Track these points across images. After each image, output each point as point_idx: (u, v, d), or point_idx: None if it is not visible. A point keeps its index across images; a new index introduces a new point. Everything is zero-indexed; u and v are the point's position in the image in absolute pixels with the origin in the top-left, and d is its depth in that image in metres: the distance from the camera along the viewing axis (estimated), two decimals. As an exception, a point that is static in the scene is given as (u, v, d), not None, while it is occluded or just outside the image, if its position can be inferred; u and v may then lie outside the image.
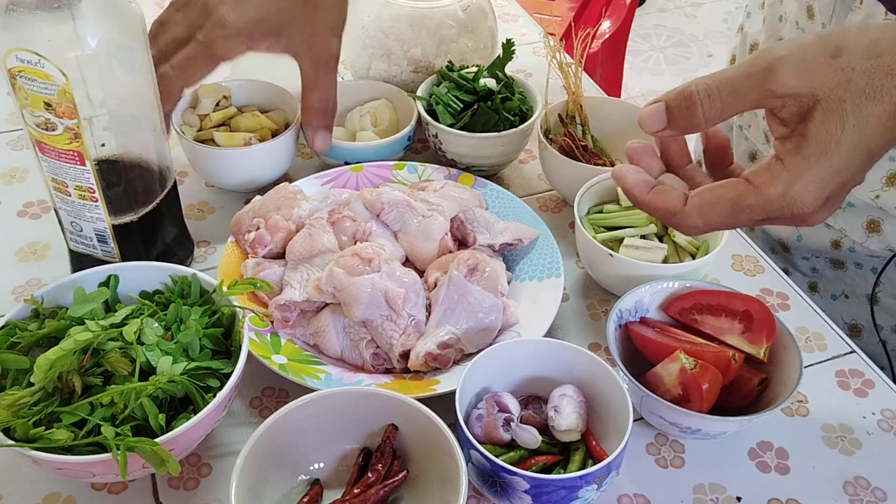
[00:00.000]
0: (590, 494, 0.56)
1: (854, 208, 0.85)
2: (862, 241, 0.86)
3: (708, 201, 0.51)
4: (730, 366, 0.63)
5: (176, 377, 0.57)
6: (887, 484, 0.65)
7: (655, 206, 0.53)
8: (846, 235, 0.87)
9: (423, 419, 0.58)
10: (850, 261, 0.89)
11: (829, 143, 0.47)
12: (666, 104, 0.50)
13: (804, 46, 0.46)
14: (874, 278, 0.88)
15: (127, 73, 0.65)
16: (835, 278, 0.91)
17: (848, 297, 0.91)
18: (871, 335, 0.90)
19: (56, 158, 0.64)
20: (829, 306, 0.93)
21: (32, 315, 0.63)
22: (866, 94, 0.46)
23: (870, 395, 0.71)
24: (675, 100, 0.50)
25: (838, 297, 0.92)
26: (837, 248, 0.88)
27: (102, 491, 0.62)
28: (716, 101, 0.49)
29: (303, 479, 0.60)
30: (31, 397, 0.55)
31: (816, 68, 0.46)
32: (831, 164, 0.47)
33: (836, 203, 0.50)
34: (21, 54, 0.58)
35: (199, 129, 0.86)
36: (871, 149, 0.47)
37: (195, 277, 0.66)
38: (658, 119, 0.51)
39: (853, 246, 0.87)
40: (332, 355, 0.70)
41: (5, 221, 0.84)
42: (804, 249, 0.92)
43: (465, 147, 0.87)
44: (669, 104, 0.50)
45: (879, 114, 0.46)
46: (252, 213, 0.78)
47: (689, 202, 0.52)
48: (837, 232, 0.87)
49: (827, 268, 0.91)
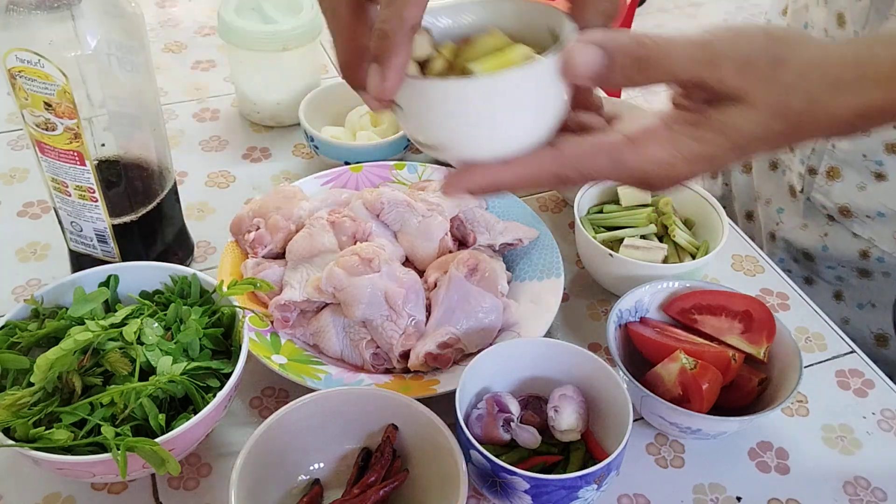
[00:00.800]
0: (590, 494, 0.56)
1: (884, 218, 0.84)
2: (892, 251, 0.85)
3: (584, 152, 0.44)
4: (730, 366, 0.63)
5: (176, 377, 0.57)
6: (887, 484, 0.65)
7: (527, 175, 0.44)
8: (875, 245, 0.86)
9: (423, 419, 0.58)
10: (878, 270, 0.87)
11: (731, 136, 0.43)
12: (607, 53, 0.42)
13: (751, 47, 0.42)
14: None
15: (127, 73, 0.65)
16: (861, 287, 0.90)
17: (875, 305, 0.90)
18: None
19: (56, 158, 0.64)
20: (856, 315, 0.91)
21: (32, 315, 0.63)
22: (783, 113, 0.43)
23: (870, 395, 0.71)
24: (621, 55, 0.42)
25: (864, 305, 0.91)
26: (865, 257, 0.87)
27: (102, 491, 0.62)
28: (655, 74, 0.42)
29: (303, 479, 0.60)
30: (31, 397, 0.55)
31: (756, 74, 0.42)
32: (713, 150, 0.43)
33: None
34: (21, 54, 0.58)
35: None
36: (748, 152, 0.45)
37: (195, 277, 0.66)
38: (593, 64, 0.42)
39: (882, 256, 0.86)
40: (332, 355, 0.70)
41: (5, 221, 0.84)
42: (829, 259, 0.91)
43: (465, 147, 0.87)
44: (614, 54, 0.42)
45: (780, 131, 0.43)
46: (252, 213, 0.78)
47: (564, 154, 0.44)
48: (866, 242, 0.86)
49: (853, 276, 0.90)
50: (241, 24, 0.91)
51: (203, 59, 1.12)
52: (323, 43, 1.12)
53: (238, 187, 0.91)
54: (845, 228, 0.88)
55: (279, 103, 0.97)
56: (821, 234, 0.91)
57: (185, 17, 1.21)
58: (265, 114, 0.98)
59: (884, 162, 0.82)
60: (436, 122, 0.43)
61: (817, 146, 0.87)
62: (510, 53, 0.44)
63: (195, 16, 1.22)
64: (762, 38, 0.42)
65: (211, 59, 1.12)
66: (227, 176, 0.92)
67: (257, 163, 0.94)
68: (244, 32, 0.91)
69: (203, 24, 1.20)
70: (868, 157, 0.83)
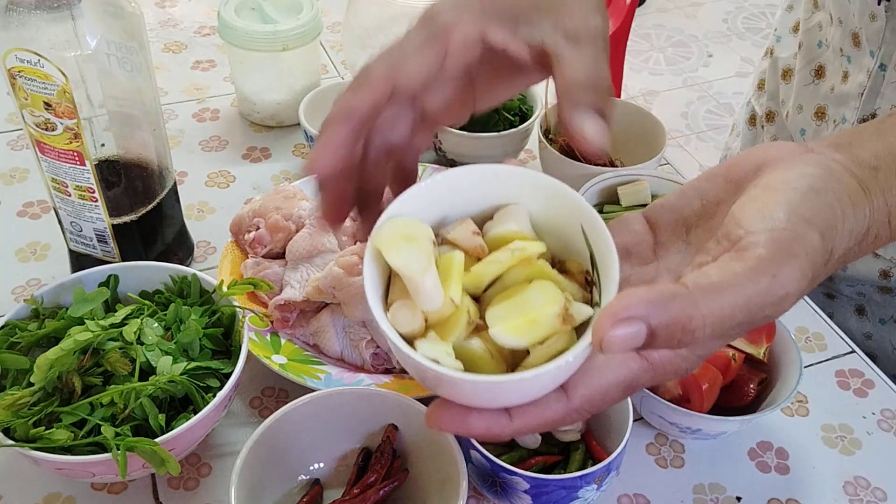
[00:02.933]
0: (590, 494, 0.56)
1: None
2: None
3: (598, 392, 0.38)
4: (730, 366, 0.63)
5: (176, 377, 0.57)
6: (887, 484, 0.65)
7: (531, 428, 0.38)
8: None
9: (424, 419, 0.58)
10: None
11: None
12: (651, 330, 0.33)
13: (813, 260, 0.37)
14: None
15: (127, 73, 0.65)
16: (883, 303, 0.88)
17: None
18: None
19: (56, 158, 0.64)
20: (878, 331, 0.89)
21: (32, 315, 0.63)
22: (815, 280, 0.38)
23: (870, 395, 0.71)
24: (666, 330, 0.33)
25: (887, 321, 0.89)
26: (886, 278, 0.85)
27: (102, 491, 0.62)
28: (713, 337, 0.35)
29: (303, 479, 0.60)
30: (31, 397, 0.55)
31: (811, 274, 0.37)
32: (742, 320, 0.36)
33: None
34: (21, 54, 0.58)
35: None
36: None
37: (195, 277, 0.66)
38: (634, 343, 0.33)
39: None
40: (332, 355, 0.70)
41: (5, 221, 0.84)
42: (850, 279, 0.89)
43: (465, 147, 0.87)
44: (658, 330, 0.33)
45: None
46: (252, 213, 0.78)
47: (574, 399, 0.38)
48: (888, 262, 0.85)
49: (875, 293, 0.88)
50: (240, 24, 0.91)
51: (203, 59, 1.12)
52: (323, 43, 1.12)
53: (238, 187, 0.91)
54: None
55: (279, 103, 0.97)
56: None
57: (185, 17, 1.21)
58: (265, 114, 0.98)
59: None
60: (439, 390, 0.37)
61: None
62: (537, 303, 0.36)
63: (195, 16, 1.22)
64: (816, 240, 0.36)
65: (211, 59, 1.12)
66: (227, 176, 0.92)
67: (257, 163, 0.94)
68: (244, 32, 0.91)
69: (203, 24, 1.20)
70: None
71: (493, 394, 0.35)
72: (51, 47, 0.58)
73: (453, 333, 0.36)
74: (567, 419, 0.38)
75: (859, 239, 0.39)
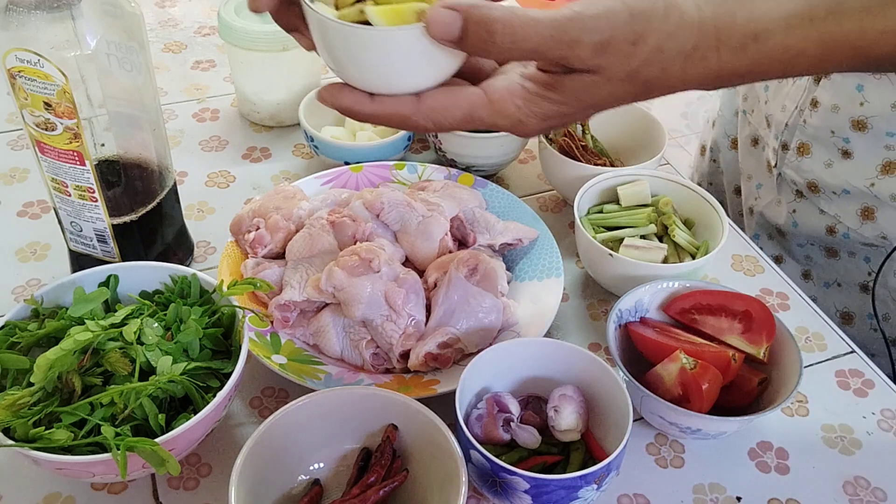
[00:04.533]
0: (590, 494, 0.56)
1: (849, 195, 0.86)
2: (856, 228, 0.87)
3: (442, 106, 0.50)
4: (730, 366, 0.63)
5: (176, 377, 0.57)
6: (887, 484, 0.65)
7: (383, 113, 0.50)
8: (840, 221, 0.88)
9: (423, 419, 0.58)
10: (844, 249, 0.90)
11: (583, 100, 0.48)
12: (464, 22, 0.45)
13: (614, 27, 0.45)
14: (867, 267, 0.89)
15: (127, 73, 0.65)
16: (828, 266, 0.93)
17: (840, 285, 0.93)
18: (863, 323, 0.91)
19: (56, 158, 0.64)
20: (822, 294, 0.94)
21: (32, 315, 0.63)
22: (633, 77, 0.47)
23: (870, 395, 0.71)
24: (475, 25, 0.45)
25: (831, 285, 0.94)
26: (832, 234, 0.90)
27: (102, 491, 0.62)
28: (515, 52, 0.46)
29: (303, 479, 0.60)
30: (31, 397, 0.55)
31: (614, 53, 0.46)
32: (567, 110, 0.49)
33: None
34: (21, 54, 0.58)
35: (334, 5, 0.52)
36: (600, 110, 0.50)
37: (195, 277, 0.66)
38: (451, 29, 0.45)
39: (847, 232, 0.88)
40: (332, 355, 0.70)
41: (5, 221, 0.84)
42: (799, 235, 0.94)
43: (465, 147, 0.87)
44: (468, 23, 0.45)
45: (631, 92, 0.48)
46: (252, 213, 0.78)
47: (423, 104, 0.50)
48: (832, 218, 0.89)
49: (821, 256, 0.93)
50: (241, 24, 0.91)
51: (203, 59, 1.12)
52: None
53: (238, 187, 0.91)
54: (813, 204, 0.90)
55: (279, 103, 0.97)
56: (790, 209, 0.93)
57: (185, 17, 1.21)
58: (265, 114, 0.98)
59: (850, 139, 0.84)
60: (323, 49, 0.50)
61: (790, 122, 0.89)
62: (406, 4, 0.48)
63: (195, 16, 1.22)
64: (624, 16, 0.45)
65: (211, 59, 1.12)
66: (227, 176, 0.92)
67: (257, 163, 0.94)
68: (244, 32, 0.91)
69: (203, 24, 1.20)
70: (836, 133, 0.85)
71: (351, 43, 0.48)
72: (51, 47, 0.58)
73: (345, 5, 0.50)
74: (413, 120, 0.50)
75: (686, 53, 0.46)
